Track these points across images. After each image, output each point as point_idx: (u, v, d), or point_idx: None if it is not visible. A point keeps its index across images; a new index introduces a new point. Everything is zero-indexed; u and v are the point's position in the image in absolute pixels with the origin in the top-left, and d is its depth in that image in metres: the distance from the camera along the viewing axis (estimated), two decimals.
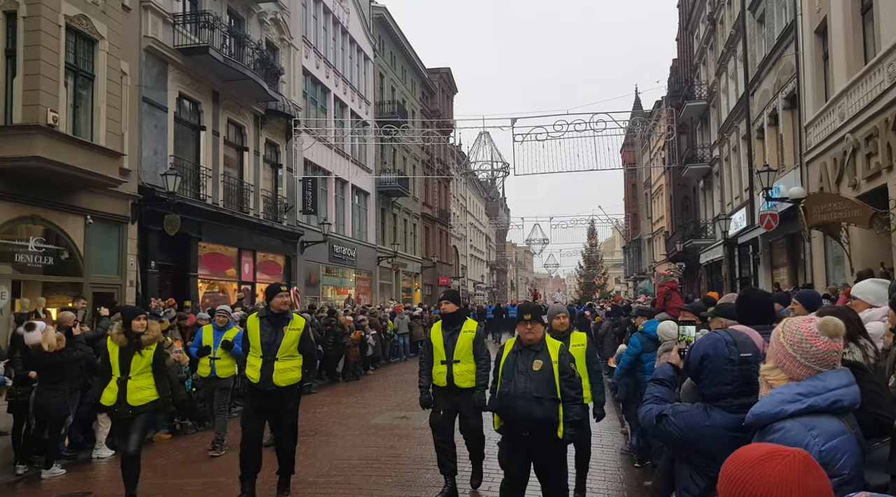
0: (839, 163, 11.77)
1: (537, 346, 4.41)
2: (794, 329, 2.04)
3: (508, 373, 4.41)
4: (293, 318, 6.04)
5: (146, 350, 5.76)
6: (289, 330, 5.91)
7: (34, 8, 10.39)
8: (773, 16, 16.59)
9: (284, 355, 5.86)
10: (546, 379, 4.28)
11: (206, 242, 16.02)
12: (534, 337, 4.42)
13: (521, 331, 4.44)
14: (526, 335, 4.42)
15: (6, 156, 10.14)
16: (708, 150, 25.97)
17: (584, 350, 5.59)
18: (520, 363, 4.38)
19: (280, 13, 19.78)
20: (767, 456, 1.39)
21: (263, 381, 5.81)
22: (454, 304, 5.93)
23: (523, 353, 4.42)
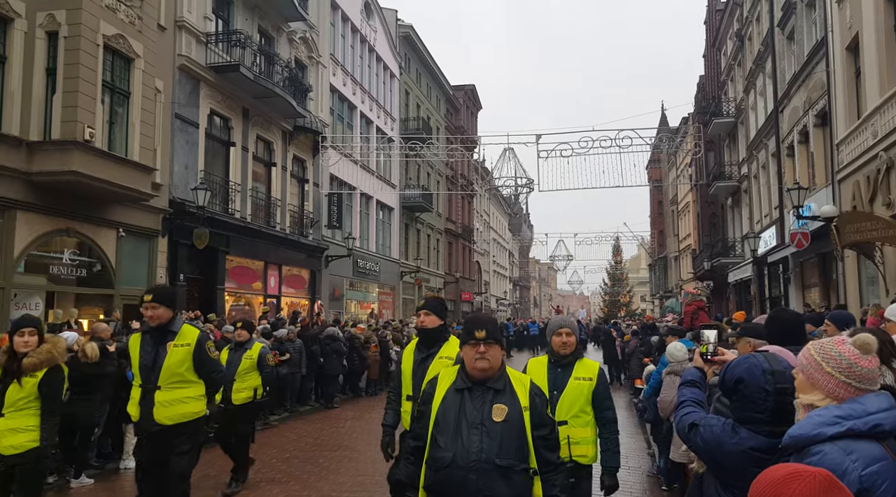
0: (872, 181, 11.55)
1: (497, 383, 2.76)
2: (835, 354, 2.00)
3: (450, 425, 2.70)
4: (182, 330, 4.74)
5: (29, 378, 4.28)
6: (174, 347, 4.63)
7: (75, 28, 10.73)
8: (802, 32, 16.44)
9: (169, 382, 4.61)
10: (513, 436, 2.67)
11: (234, 256, 16.25)
12: (488, 367, 2.75)
13: (468, 357, 2.78)
14: (475, 364, 2.74)
15: (44, 170, 10.44)
16: (736, 167, 25.68)
17: (594, 387, 3.95)
18: (469, 410, 2.71)
19: (309, 32, 20.14)
20: (789, 476, 1.39)
21: (143, 418, 4.60)
22: (436, 317, 4.35)
23: (475, 394, 2.75)
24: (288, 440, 9.71)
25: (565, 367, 4.02)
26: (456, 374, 2.85)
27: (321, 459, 8.36)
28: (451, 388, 2.82)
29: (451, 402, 2.76)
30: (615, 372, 17.98)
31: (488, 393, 2.74)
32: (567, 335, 4.03)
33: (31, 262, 10.92)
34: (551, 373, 4.03)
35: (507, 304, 58.38)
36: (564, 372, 4.00)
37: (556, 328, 4.07)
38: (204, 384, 4.81)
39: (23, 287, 10.80)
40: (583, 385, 3.97)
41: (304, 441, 9.66)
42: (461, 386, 2.79)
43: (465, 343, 2.79)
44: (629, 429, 10.43)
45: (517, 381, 2.82)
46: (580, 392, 3.95)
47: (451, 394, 2.79)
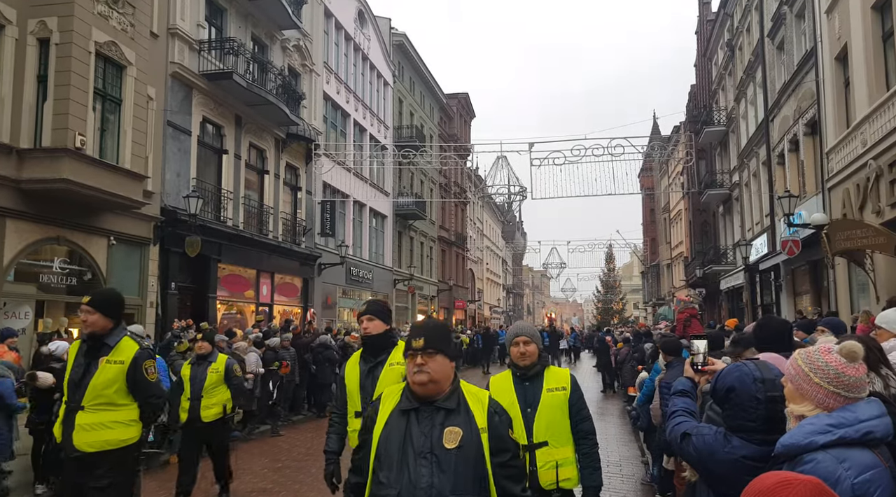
0: (862, 189, 11.63)
1: (448, 401, 2.33)
2: (822, 364, 2.00)
3: (393, 456, 2.27)
4: (119, 344, 4.03)
5: None
6: (106, 363, 3.95)
7: (66, 35, 10.69)
8: (792, 43, 16.59)
9: (94, 403, 3.93)
10: (469, 465, 2.26)
11: (226, 264, 16.17)
12: (427, 381, 2.30)
13: (408, 371, 2.37)
14: (413, 378, 2.32)
15: (34, 178, 10.37)
16: (727, 175, 25.83)
17: (568, 397, 3.52)
18: (416, 436, 2.28)
19: (303, 40, 20.17)
20: (779, 485, 1.39)
21: (64, 441, 3.98)
22: (381, 322, 3.84)
23: (422, 416, 2.31)
24: (280, 449, 9.64)
25: (533, 379, 3.53)
26: (401, 393, 2.40)
27: (313, 469, 8.30)
28: (396, 409, 2.36)
29: (395, 427, 2.31)
30: (609, 379, 17.98)
31: (438, 414, 2.30)
32: (525, 344, 3.54)
33: (20, 270, 10.83)
34: (519, 388, 3.53)
35: (501, 311, 58.34)
36: (534, 385, 3.51)
37: (513, 337, 3.58)
38: (138, 408, 4.08)
39: (12, 296, 10.70)
40: (558, 396, 3.51)
41: (296, 450, 9.59)
42: (406, 406, 2.33)
43: (405, 355, 2.38)
44: (623, 437, 10.42)
45: (473, 397, 2.39)
46: (557, 405, 3.49)
47: (396, 417, 2.34)
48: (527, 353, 3.54)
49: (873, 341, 3.20)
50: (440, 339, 2.37)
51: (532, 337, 3.57)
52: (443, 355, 2.34)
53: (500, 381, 3.63)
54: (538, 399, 3.49)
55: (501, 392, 3.47)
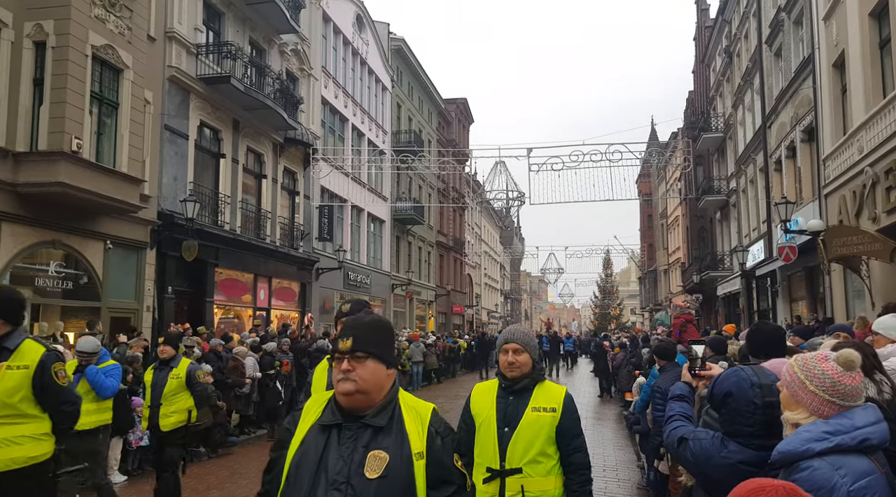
0: (858, 196, 11.66)
1: (378, 417, 1.90)
2: (819, 372, 1.99)
3: (303, 482, 1.85)
4: (20, 347, 3.56)
5: None
6: (6, 369, 3.46)
7: (63, 38, 10.68)
8: (790, 49, 16.65)
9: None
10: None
11: (223, 268, 16.14)
12: (353, 390, 1.89)
13: (333, 378, 1.96)
14: (338, 386, 1.91)
15: (30, 181, 10.34)
16: (725, 181, 25.89)
17: (557, 421, 2.99)
18: (332, 460, 1.85)
19: (301, 44, 20.19)
20: (753, 491, 1.39)
21: None
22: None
23: (345, 435, 1.89)
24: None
25: (520, 393, 3.04)
26: (325, 404, 1.97)
27: None
28: (317, 424, 1.92)
29: (312, 447, 1.86)
30: (606, 384, 17.97)
31: (364, 433, 1.86)
32: (515, 353, 3.05)
33: (16, 274, 10.77)
34: (501, 402, 3.06)
35: (499, 316, 58.32)
36: (519, 400, 3.03)
37: (502, 343, 3.12)
38: (49, 419, 3.62)
39: None
40: (543, 418, 2.98)
41: None
42: (328, 421, 1.90)
43: (330, 359, 2.03)
44: (619, 441, 10.40)
45: (411, 413, 1.95)
46: (540, 428, 2.96)
47: (315, 434, 1.89)
48: (516, 363, 3.05)
49: (868, 348, 3.20)
50: (373, 340, 1.94)
51: (525, 345, 3.07)
52: (376, 360, 1.91)
53: (483, 390, 3.21)
54: (519, 417, 2.99)
55: (481, 403, 3.11)
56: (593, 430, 11.89)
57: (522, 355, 3.06)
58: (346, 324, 2.01)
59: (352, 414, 1.91)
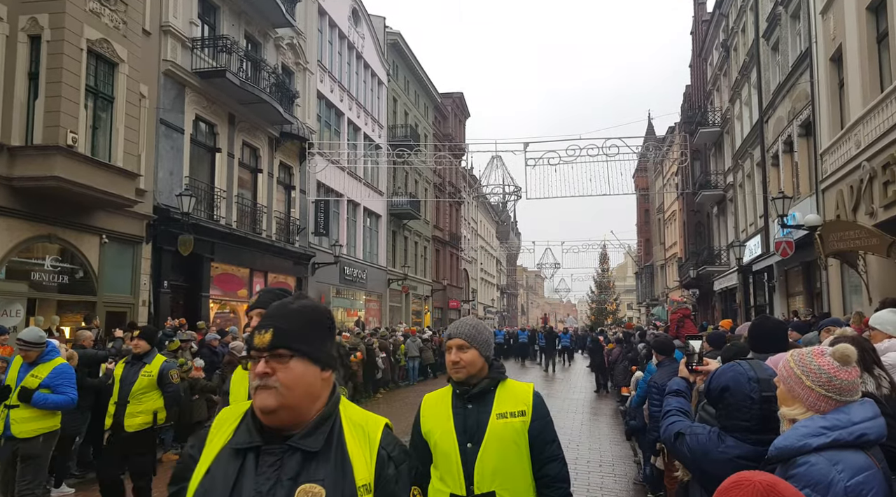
0: (856, 191, 11.67)
1: (309, 438, 1.45)
2: (815, 367, 1.99)
3: None
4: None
5: None
6: None
7: (58, 32, 10.61)
8: (787, 43, 16.63)
9: None
10: None
11: (219, 263, 16.10)
12: (274, 407, 1.43)
13: (249, 383, 1.49)
14: (255, 399, 1.45)
15: (26, 175, 10.30)
16: (722, 176, 25.90)
17: (527, 426, 2.48)
18: (246, 494, 1.39)
19: (296, 38, 20.10)
20: (732, 485, 1.39)
21: None
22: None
23: (265, 460, 1.43)
24: None
25: (479, 399, 2.49)
26: (240, 420, 1.50)
27: None
28: (228, 447, 1.45)
29: (221, 478, 1.41)
30: (602, 379, 18.00)
31: (291, 459, 1.41)
32: (459, 350, 2.51)
33: (12, 268, 10.74)
34: (458, 412, 2.49)
35: (495, 311, 58.39)
36: (479, 408, 2.47)
37: (446, 340, 2.60)
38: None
39: (4, 294, 10.62)
40: (512, 426, 2.44)
41: None
42: (243, 443, 1.44)
43: (246, 358, 1.49)
44: (615, 437, 10.43)
45: (356, 431, 1.51)
46: (511, 438, 2.42)
47: (225, 459, 1.43)
48: (461, 362, 2.49)
49: (867, 342, 3.20)
50: (302, 332, 1.47)
51: (472, 339, 2.50)
52: (305, 360, 1.45)
53: (435, 401, 2.60)
54: (483, 428, 2.43)
55: (434, 418, 2.53)
56: (590, 426, 11.92)
57: (468, 352, 2.50)
58: (266, 311, 1.53)
59: (275, 433, 1.43)
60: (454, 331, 2.57)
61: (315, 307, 1.57)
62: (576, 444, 9.84)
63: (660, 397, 4.60)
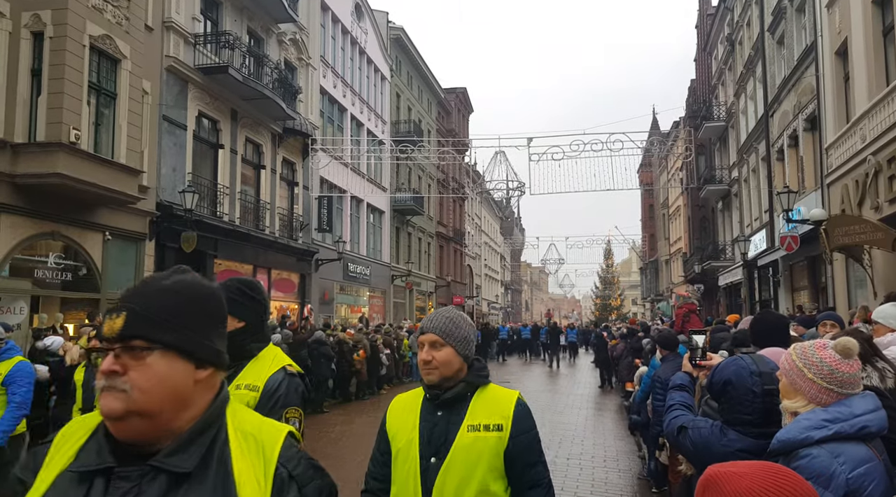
0: (861, 185, 11.60)
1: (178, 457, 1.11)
2: (817, 360, 1.99)
3: None
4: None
5: None
6: None
7: (60, 28, 10.62)
8: (792, 37, 16.53)
9: None
10: None
11: (222, 259, 16.13)
12: (121, 412, 1.09)
13: (97, 384, 1.13)
14: (103, 403, 1.10)
15: (29, 172, 10.32)
16: (727, 171, 25.81)
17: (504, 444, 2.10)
18: None
19: (299, 34, 20.07)
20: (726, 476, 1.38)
21: None
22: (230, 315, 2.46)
23: (118, 486, 1.08)
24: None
25: (451, 406, 2.12)
26: (89, 435, 1.18)
27: None
28: (68, 471, 1.13)
29: None
30: (606, 375, 17.99)
31: (153, 483, 1.10)
32: (432, 347, 2.13)
33: (15, 265, 10.78)
34: (427, 418, 2.14)
35: (499, 307, 58.41)
36: (450, 417, 2.11)
37: (418, 335, 2.22)
38: None
39: (7, 291, 10.66)
40: (485, 441, 2.06)
41: None
42: (90, 465, 1.12)
43: None
44: (619, 432, 10.42)
45: (247, 443, 1.19)
46: (482, 456, 2.06)
47: (65, 486, 1.12)
48: (433, 362, 2.12)
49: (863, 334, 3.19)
50: (166, 319, 1.15)
51: (448, 335, 2.12)
52: (171, 355, 1.14)
53: (404, 404, 2.26)
54: (450, 441, 2.07)
55: (400, 423, 2.18)
56: (594, 421, 11.91)
57: (443, 350, 2.11)
58: (125, 291, 1.23)
59: (134, 451, 1.12)
60: (427, 324, 2.17)
61: (194, 284, 1.23)
62: (580, 440, 9.84)
63: (664, 392, 4.58)
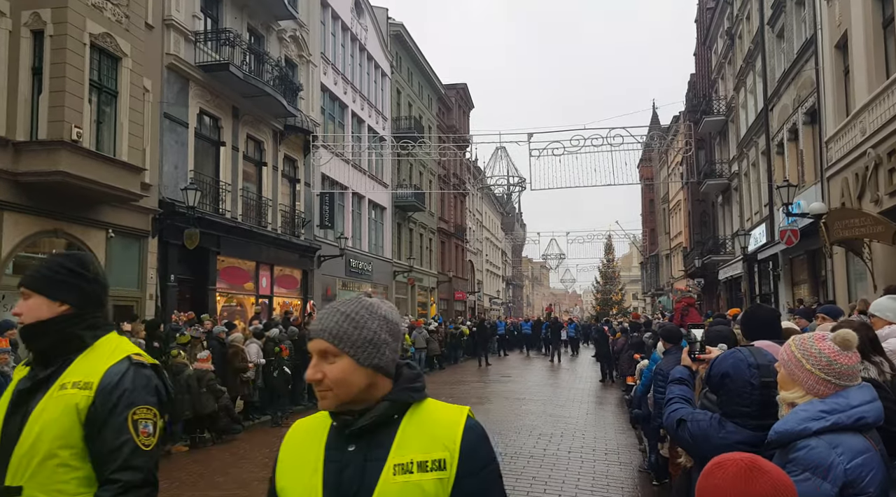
0: (861, 178, 11.62)
1: None
2: (815, 351, 2.01)
3: None
4: None
5: None
6: None
7: (61, 27, 10.63)
8: (792, 30, 16.52)
9: None
10: None
11: (225, 256, 16.17)
12: None
13: None
14: None
15: (31, 170, 10.35)
16: (726, 165, 25.80)
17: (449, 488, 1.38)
18: None
19: (299, 31, 20.06)
20: (714, 467, 1.41)
21: None
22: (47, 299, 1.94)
23: None
24: (279, 439, 9.69)
25: (367, 437, 1.46)
26: None
27: None
28: None
29: None
30: (607, 369, 18.04)
31: None
32: (321, 359, 1.47)
33: (19, 263, 10.81)
34: (333, 458, 1.47)
35: (501, 303, 58.45)
36: (367, 451, 1.45)
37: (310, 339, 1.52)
38: None
39: (11, 289, 10.67)
40: (420, 487, 1.39)
41: None
42: None
43: None
44: (620, 425, 10.47)
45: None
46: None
47: None
48: (324, 381, 1.46)
49: (869, 329, 3.21)
50: None
51: (341, 339, 1.45)
52: None
53: (302, 436, 1.58)
54: (368, 490, 1.41)
55: (296, 465, 1.52)
56: (595, 415, 11.96)
57: (337, 363, 1.44)
58: None
59: None
60: (314, 327, 1.48)
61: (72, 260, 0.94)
62: (581, 433, 9.89)
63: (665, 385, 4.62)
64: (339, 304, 1.52)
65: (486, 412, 11.90)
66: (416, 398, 1.50)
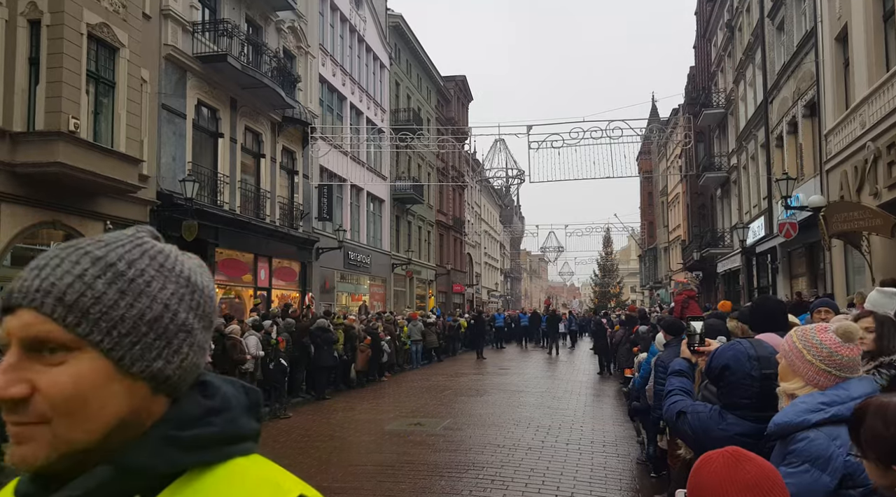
0: (860, 171, 11.61)
1: None
2: (817, 342, 2.01)
3: None
4: None
5: None
6: None
7: (57, 17, 10.56)
8: (792, 23, 16.46)
9: None
10: None
11: (223, 248, 16.14)
12: None
13: None
14: None
15: (28, 161, 10.31)
16: (725, 158, 25.78)
17: None
18: None
19: (297, 22, 19.96)
20: (702, 462, 1.42)
21: None
22: None
23: None
24: (279, 432, 9.69)
25: None
26: None
27: (313, 451, 8.35)
28: None
29: None
30: (605, 361, 18.08)
31: None
32: (26, 353, 0.70)
33: (17, 254, 10.79)
34: None
35: (499, 295, 58.50)
36: None
37: None
38: None
39: (9, 280, 10.64)
40: None
41: (295, 433, 9.65)
42: None
43: None
44: (618, 417, 10.50)
45: None
46: None
47: None
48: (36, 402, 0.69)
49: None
50: None
51: (80, 310, 0.71)
52: None
53: None
54: None
55: None
56: (593, 407, 12.00)
57: (68, 364, 0.71)
58: None
59: None
60: (16, 284, 0.74)
61: None
62: (579, 425, 9.92)
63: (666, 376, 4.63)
64: (86, 244, 0.76)
65: (484, 404, 11.95)
66: (186, 462, 0.74)
